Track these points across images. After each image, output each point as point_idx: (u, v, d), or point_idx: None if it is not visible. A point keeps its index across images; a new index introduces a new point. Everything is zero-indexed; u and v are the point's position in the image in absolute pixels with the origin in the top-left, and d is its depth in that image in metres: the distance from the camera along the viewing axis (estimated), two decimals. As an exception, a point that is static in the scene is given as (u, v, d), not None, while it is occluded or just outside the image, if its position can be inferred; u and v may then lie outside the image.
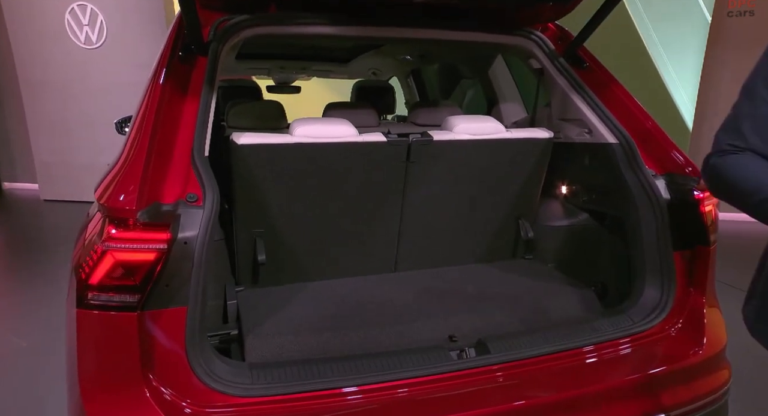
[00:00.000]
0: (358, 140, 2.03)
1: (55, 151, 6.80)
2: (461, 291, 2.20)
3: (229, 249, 2.15)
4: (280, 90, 4.90)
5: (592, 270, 2.37)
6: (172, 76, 1.74)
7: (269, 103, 2.66)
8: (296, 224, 2.14)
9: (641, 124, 2.10)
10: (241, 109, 2.53)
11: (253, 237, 2.10)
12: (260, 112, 2.60)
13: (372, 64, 4.33)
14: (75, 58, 6.48)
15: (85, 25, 6.40)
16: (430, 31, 2.21)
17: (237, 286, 2.17)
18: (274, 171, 1.98)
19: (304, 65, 4.25)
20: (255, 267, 2.16)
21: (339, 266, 2.31)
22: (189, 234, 1.45)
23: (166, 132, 1.61)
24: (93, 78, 6.51)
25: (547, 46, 2.32)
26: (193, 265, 1.44)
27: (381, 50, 3.69)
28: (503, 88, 3.08)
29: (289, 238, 2.16)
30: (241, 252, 2.14)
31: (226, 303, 2.00)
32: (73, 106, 6.61)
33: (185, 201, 1.49)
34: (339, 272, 2.32)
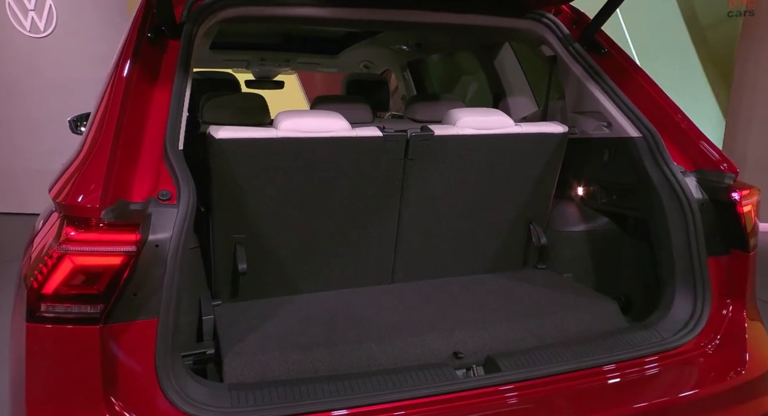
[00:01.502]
0: (351, 135, 2.03)
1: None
2: (467, 304, 2.19)
3: (205, 258, 2.13)
4: (260, 85, 4.88)
5: (614, 281, 2.35)
6: (140, 60, 1.72)
7: (250, 96, 2.65)
8: (281, 229, 2.12)
9: (668, 115, 2.10)
10: (219, 101, 2.52)
11: (233, 244, 2.08)
12: (240, 106, 2.58)
13: (364, 55, 4.33)
14: (19, 48, 6.28)
15: (30, 10, 6.25)
16: (428, 13, 2.21)
17: (214, 300, 2.15)
18: (256, 169, 1.97)
19: (288, 57, 4.24)
20: (234, 278, 2.14)
21: (330, 276, 2.29)
22: (161, 236, 1.43)
23: (134, 122, 1.60)
24: (42, 72, 6.29)
25: (561, 30, 2.33)
26: (166, 271, 1.42)
27: (375, 39, 3.69)
28: (511, 80, 3.09)
29: (273, 245, 2.14)
30: (218, 262, 2.12)
31: (201, 319, 1.98)
32: (18, 105, 6.37)
33: (157, 199, 1.47)
34: (330, 283, 2.30)
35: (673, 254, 1.98)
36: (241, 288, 2.17)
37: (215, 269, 2.13)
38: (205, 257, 2.13)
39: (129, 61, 1.70)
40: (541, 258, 2.59)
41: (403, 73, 4.56)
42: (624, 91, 2.19)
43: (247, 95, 2.72)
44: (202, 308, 2.01)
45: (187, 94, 1.76)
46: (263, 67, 4.55)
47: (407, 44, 3.86)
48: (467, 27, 2.40)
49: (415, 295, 2.27)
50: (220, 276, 2.14)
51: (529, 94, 3.05)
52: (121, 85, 1.62)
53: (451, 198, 2.30)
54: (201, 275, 2.13)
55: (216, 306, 2.12)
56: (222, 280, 2.15)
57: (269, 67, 4.62)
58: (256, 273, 2.14)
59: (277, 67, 4.58)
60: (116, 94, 1.60)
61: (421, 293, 2.29)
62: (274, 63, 4.42)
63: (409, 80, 4.55)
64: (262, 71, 4.75)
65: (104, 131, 1.52)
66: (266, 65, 4.50)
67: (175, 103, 1.68)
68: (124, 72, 1.66)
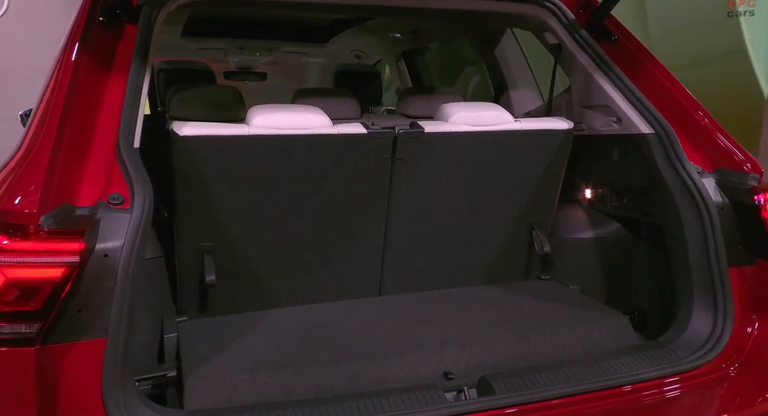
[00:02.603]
0: (332, 132, 2.01)
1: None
2: (460, 318, 2.17)
3: (169, 269, 2.11)
4: (240, 76, 4.84)
5: (625, 293, 2.33)
6: (90, 47, 1.70)
7: (222, 89, 2.63)
8: (255, 236, 2.10)
9: (685, 110, 2.08)
10: (187, 95, 2.49)
11: (200, 253, 2.06)
12: (211, 99, 2.55)
13: (355, 44, 4.31)
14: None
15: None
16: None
17: (179, 316, 2.13)
18: (225, 170, 1.95)
19: (271, 45, 4.21)
20: (202, 292, 2.12)
21: (309, 289, 2.27)
22: (111, 244, 1.41)
23: (82, 117, 1.57)
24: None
25: (566, 15, 2.31)
26: (116, 284, 1.40)
27: (366, 26, 3.67)
28: (513, 72, 3.07)
29: (245, 254, 2.12)
30: (184, 273, 2.09)
31: (163, 337, 1.95)
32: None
33: (107, 203, 1.45)
34: (309, 296, 2.28)
35: (690, 264, 1.95)
36: (209, 303, 2.14)
37: (180, 281, 2.11)
38: (170, 268, 2.10)
39: (77, 47, 1.67)
40: (545, 268, 2.57)
41: (398, 64, 4.54)
42: (636, 82, 2.17)
43: (219, 88, 2.70)
44: (164, 325, 1.98)
45: (145, 85, 1.74)
46: (243, 56, 4.52)
47: (401, 32, 3.84)
48: (463, 12, 2.39)
49: (404, 309, 2.25)
50: (186, 290, 2.12)
51: (533, 87, 3.03)
52: (68, 75, 1.59)
53: (444, 201, 2.28)
54: (164, 288, 2.10)
55: (181, 322, 2.09)
56: (188, 294, 2.12)
57: (250, 57, 4.59)
58: (226, 286, 2.11)
59: (258, 56, 4.54)
60: (61, 85, 1.57)
61: (411, 307, 2.27)
62: (254, 52, 4.39)
63: (404, 71, 4.53)
64: (241, 61, 4.72)
65: (46, 126, 1.49)
66: (246, 54, 4.47)
67: (130, 95, 1.65)
68: (72, 60, 1.64)
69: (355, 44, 4.34)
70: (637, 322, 2.22)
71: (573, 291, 2.47)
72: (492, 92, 3.28)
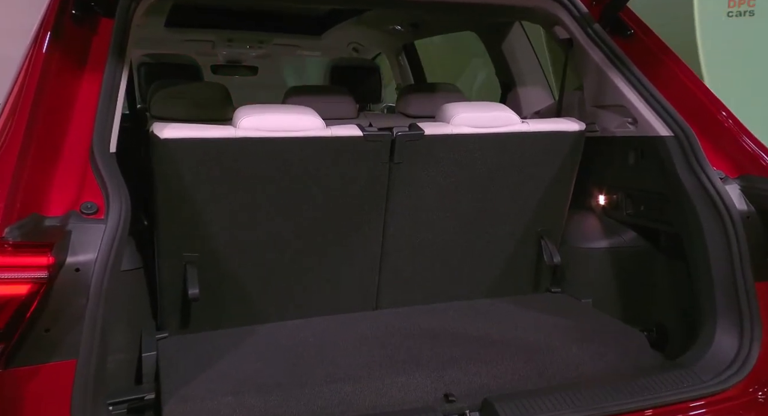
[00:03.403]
0: (325, 134, 2.01)
1: None
2: (462, 335, 2.15)
3: (149, 281, 2.10)
4: (228, 71, 4.85)
5: (642, 309, 2.32)
6: (61, 43, 1.68)
7: (209, 86, 2.62)
8: (241, 246, 2.09)
9: (707, 111, 2.07)
10: (170, 92, 2.49)
11: (183, 265, 2.05)
12: (196, 98, 2.56)
13: (352, 36, 4.31)
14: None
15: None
16: None
17: (159, 332, 2.11)
18: (211, 175, 1.94)
19: (262, 37, 4.21)
20: (185, 306, 2.11)
21: (301, 302, 2.26)
22: (83, 257, 1.40)
23: (53, 119, 1.55)
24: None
25: (577, 7, 2.29)
26: (89, 301, 1.39)
27: (364, 18, 3.67)
28: (522, 67, 3.07)
29: (231, 265, 2.11)
30: (165, 286, 2.08)
31: (141, 356, 1.93)
32: None
33: (79, 212, 1.44)
34: (301, 310, 2.27)
35: (713, 278, 1.94)
36: (192, 318, 2.13)
37: (161, 295, 2.09)
38: (149, 280, 2.09)
39: (47, 43, 1.65)
40: (555, 281, 2.57)
41: (398, 58, 4.54)
42: (653, 81, 2.16)
43: (204, 85, 2.69)
44: (143, 343, 1.97)
45: (123, 84, 1.73)
46: (232, 49, 4.52)
47: (401, 24, 3.83)
48: (466, 5, 2.39)
49: (402, 324, 2.24)
50: (167, 304, 2.10)
51: (543, 84, 3.02)
52: (37, 73, 1.57)
53: (446, 208, 2.27)
54: (143, 302, 2.09)
55: (161, 339, 2.08)
56: (169, 308, 2.11)
57: (239, 50, 4.60)
58: (210, 300, 2.10)
59: (248, 49, 4.55)
60: (30, 84, 1.55)
61: (409, 322, 2.26)
62: (244, 44, 4.40)
63: (405, 66, 4.54)
64: (230, 55, 4.72)
65: (13, 128, 1.48)
66: (235, 47, 4.48)
67: (106, 95, 1.64)
68: (41, 57, 1.62)
69: (353, 37, 4.33)
70: (655, 340, 2.20)
71: (585, 306, 2.45)
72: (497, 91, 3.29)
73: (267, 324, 2.22)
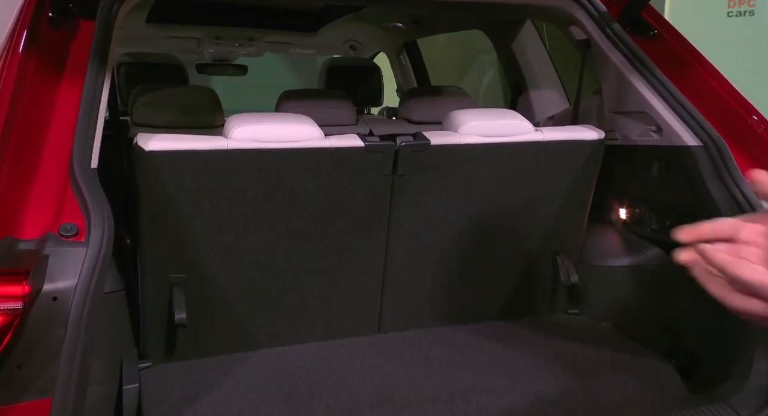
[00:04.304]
0: (324, 145, 2.01)
1: None
2: (473, 362, 2.15)
3: (131, 304, 2.08)
4: (215, 70, 4.83)
5: (670, 333, 2.31)
6: (37, 48, 1.66)
7: (196, 90, 2.62)
8: (233, 266, 2.08)
9: (739, 118, 2.06)
10: (154, 97, 2.49)
11: (168, 287, 2.04)
12: (183, 103, 2.55)
13: (350, 33, 4.30)
14: None
15: None
16: None
17: (141, 361, 2.10)
18: (199, 190, 1.93)
19: (252, 34, 4.20)
20: (170, 332, 2.10)
21: (297, 326, 2.26)
22: (62, 284, 1.38)
23: (29, 132, 1.54)
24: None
25: (596, 6, 2.29)
26: (66, 333, 1.37)
27: (362, 14, 3.67)
28: (535, 69, 3.07)
29: (221, 287, 2.10)
30: (149, 309, 2.07)
31: (121, 388, 1.92)
32: None
33: (57, 235, 1.43)
34: (297, 335, 2.27)
35: None
36: (178, 345, 2.12)
37: (144, 320, 2.08)
38: (131, 303, 2.08)
39: (21, 49, 1.63)
40: (571, 301, 2.56)
41: (399, 57, 4.54)
42: (679, 85, 2.16)
43: (192, 89, 2.68)
44: (123, 373, 1.95)
45: (105, 93, 1.72)
46: (220, 47, 4.51)
47: (403, 21, 3.83)
48: (475, 4, 2.40)
49: (408, 350, 2.24)
50: (151, 329, 2.10)
51: (557, 87, 3.02)
52: (10, 81, 1.56)
53: (453, 224, 2.28)
54: (125, 328, 2.08)
55: (144, 369, 2.06)
56: (153, 334, 2.10)
57: (227, 48, 4.58)
58: (198, 325, 2.09)
59: (237, 47, 4.54)
60: (2, 94, 1.54)
61: (414, 347, 2.26)
62: (233, 42, 4.37)
63: (407, 66, 4.54)
64: (217, 53, 4.71)
65: None
66: (223, 45, 4.46)
67: (87, 106, 1.63)
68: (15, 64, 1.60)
69: (350, 34, 4.33)
70: (683, 369, 2.18)
71: (605, 329, 2.45)
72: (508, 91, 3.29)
73: (260, 350, 2.21)
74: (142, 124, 2.45)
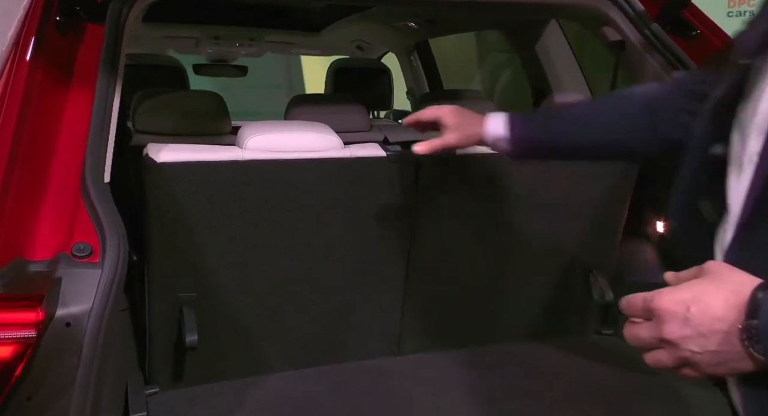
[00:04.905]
0: (343, 155, 2.01)
1: None
2: (501, 388, 2.14)
3: (136, 325, 2.08)
4: (213, 71, 4.85)
5: None
6: (44, 55, 1.64)
7: (202, 95, 2.60)
8: (246, 283, 2.07)
9: None
10: (158, 103, 2.47)
11: (178, 307, 2.03)
12: (188, 108, 2.53)
13: (356, 33, 4.30)
14: None
15: None
16: None
17: (148, 387, 2.08)
18: (212, 203, 1.92)
19: (252, 34, 4.21)
20: (179, 355, 2.09)
21: (313, 348, 2.26)
22: (75, 309, 1.35)
23: (37, 144, 1.51)
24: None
25: (632, 5, 2.28)
26: (80, 362, 1.34)
27: (371, 12, 3.66)
28: (559, 72, 3.03)
29: (234, 306, 2.09)
30: (156, 331, 2.06)
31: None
32: None
33: (70, 255, 1.40)
34: (313, 358, 2.26)
35: None
36: (187, 369, 2.11)
37: (151, 342, 2.07)
38: (137, 324, 2.08)
39: (29, 56, 1.61)
40: (606, 322, 2.55)
41: (410, 58, 4.53)
42: None
43: (198, 94, 2.67)
44: (129, 400, 1.94)
45: (116, 101, 1.70)
46: (219, 47, 4.51)
47: (415, 20, 3.82)
48: (497, 4, 2.40)
49: (430, 374, 2.24)
50: (159, 352, 2.08)
51: (585, 91, 2.99)
52: (18, 91, 1.53)
53: (479, 237, 2.28)
54: (130, 350, 2.07)
55: (150, 395, 2.05)
56: (161, 357, 2.09)
57: (226, 48, 4.58)
58: (209, 347, 2.08)
59: (237, 47, 4.54)
60: (12, 102, 1.51)
61: (439, 371, 2.25)
62: (232, 42, 4.38)
63: (418, 68, 4.53)
64: (216, 53, 4.71)
65: None
66: (222, 45, 4.46)
67: (98, 115, 1.61)
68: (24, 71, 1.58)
69: (357, 33, 4.33)
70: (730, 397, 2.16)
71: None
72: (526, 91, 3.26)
73: (273, 374, 2.21)
74: (146, 131, 2.43)
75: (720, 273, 0.86)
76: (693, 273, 0.91)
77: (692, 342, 0.83)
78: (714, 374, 0.86)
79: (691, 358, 0.84)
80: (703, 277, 0.87)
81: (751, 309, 0.79)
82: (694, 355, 0.83)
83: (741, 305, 0.80)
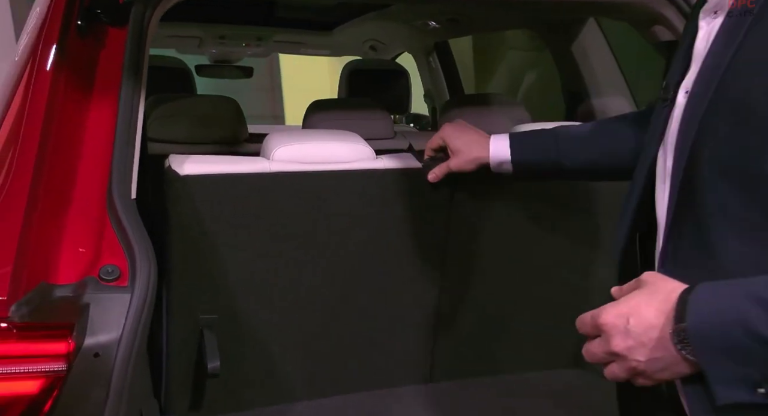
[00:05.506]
0: (376, 167, 2.00)
1: None
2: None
3: (153, 349, 2.05)
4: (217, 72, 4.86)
5: None
6: (66, 63, 1.62)
7: (220, 100, 2.60)
8: (271, 305, 2.07)
9: None
10: (172, 109, 2.47)
11: (198, 329, 2.02)
12: (204, 114, 2.53)
13: (370, 32, 4.29)
14: None
15: None
16: None
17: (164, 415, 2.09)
18: (238, 218, 1.92)
19: (260, 33, 4.22)
20: (198, 381, 2.09)
21: (340, 375, 2.26)
22: (104, 338, 1.33)
23: (62, 158, 1.49)
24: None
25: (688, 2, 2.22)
26: (109, 394, 1.32)
27: (386, 12, 3.65)
28: (598, 75, 3.00)
29: (257, 329, 2.09)
30: (174, 355, 2.05)
31: None
32: None
33: (98, 279, 1.38)
34: (339, 385, 2.26)
35: None
36: (207, 397, 2.11)
37: (168, 367, 2.06)
38: (154, 348, 2.05)
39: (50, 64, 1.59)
40: None
41: (428, 59, 4.51)
42: None
43: (213, 99, 2.66)
44: None
45: (141, 109, 1.68)
46: (224, 47, 4.51)
47: (436, 19, 3.79)
48: (535, 2, 2.41)
49: (464, 403, 2.25)
50: (176, 378, 2.08)
51: (627, 96, 2.96)
52: (42, 102, 1.51)
53: (517, 253, 2.27)
54: (145, 376, 2.04)
55: None
56: (179, 384, 2.09)
57: (232, 48, 4.58)
58: (230, 374, 2.07)
59: (243, 47, 4.55)
60: (35, 112, 1.49)
61: (473, 399, 2.27)
62: (239, 42, 4.38)
63: (437, 69, 4.51)
64: (221, 53, 4.72)
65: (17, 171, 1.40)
66: (228, 45, 4.46)
67: (123, 127, 1.58)
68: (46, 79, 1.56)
69: (371, 33, 4.31)
70: None
71: None
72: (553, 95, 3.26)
73: (299, 402, 2.21)
74: (160, 139, 2.43)
75: (654, 283, 0.98)
76: (633, 286, 1.02)
77: (636, 352, 0.94)
78: (661, 380, 0.96)
79: (638, 367, 0.94)
80: (640, 289, 1.00)
81: (678, 313, 0.90)
82: (640, 364, 0.94)
83: (670, 311, 0.92)
